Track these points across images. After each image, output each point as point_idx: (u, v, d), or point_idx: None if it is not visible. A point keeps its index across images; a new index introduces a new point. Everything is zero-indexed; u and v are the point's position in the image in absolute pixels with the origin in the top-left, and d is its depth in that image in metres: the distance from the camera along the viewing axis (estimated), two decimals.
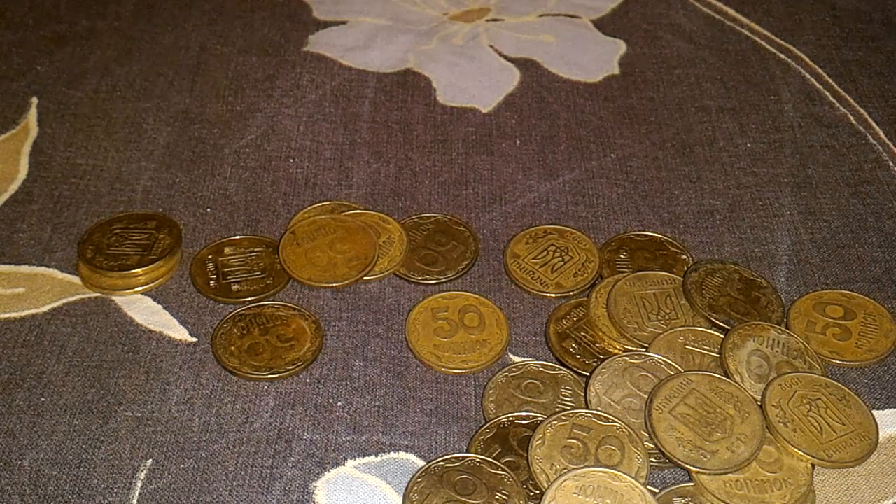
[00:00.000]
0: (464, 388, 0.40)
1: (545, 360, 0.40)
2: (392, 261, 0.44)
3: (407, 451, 0.38)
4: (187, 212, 0.46)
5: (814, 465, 0.36)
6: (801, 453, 0.36)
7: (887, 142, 0.50)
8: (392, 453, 0.37)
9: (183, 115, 0.51)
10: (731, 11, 0.58)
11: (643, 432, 0.37)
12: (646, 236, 0.45)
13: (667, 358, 0.39)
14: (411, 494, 0.35)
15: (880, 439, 0.38)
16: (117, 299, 0.43)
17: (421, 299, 0.42)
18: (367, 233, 0.44)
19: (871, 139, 0.50)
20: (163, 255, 0.43)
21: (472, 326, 0.41)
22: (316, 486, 0.37)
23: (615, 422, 0.37)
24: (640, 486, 0.35)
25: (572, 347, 0.41)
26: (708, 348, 0.40)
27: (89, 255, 0.43)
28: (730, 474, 0.36)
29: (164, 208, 0.46)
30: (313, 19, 0.58)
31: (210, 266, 0.43)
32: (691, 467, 0.36)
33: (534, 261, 0.44)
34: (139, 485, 0.36)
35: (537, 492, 0.36)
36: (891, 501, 0.36)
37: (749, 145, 0.50)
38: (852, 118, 0.51)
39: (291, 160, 0.49)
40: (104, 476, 0.37)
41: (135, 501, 0.36)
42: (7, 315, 0.42)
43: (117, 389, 0.39)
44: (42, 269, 0.44)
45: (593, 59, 0.55)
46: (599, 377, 0.38)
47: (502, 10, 0.59)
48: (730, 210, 0.47)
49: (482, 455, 0.36)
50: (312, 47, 0.56)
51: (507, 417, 0.38)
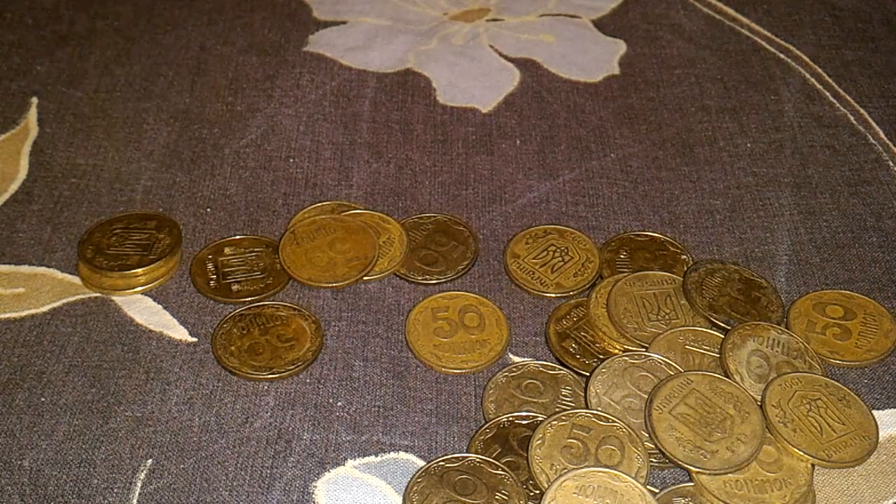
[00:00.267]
0: (464, 388, 0.40)
1: (545, 360, 0.40)
2: (392, 261, 0.44)
3: (407, 451, 0.38)
4: (187, 212, 0.46)
5: (814, 465, 0.36)
6: (801, 453, 0.36)
7: (887, 142, 0.50)
8: (392, 453, 0.37)
9: (183, 115, 0.51)
10: (731, 11, 0.58)
11: (643, 432, 0.37)
12: (646, 236, 0.45)
13: (667, 358, 0.39)
14: (411, 494, 0.35)
15: (880, 439, 0.38)
16: (117, 299, 0.43)
17: (421, 299, 0.42)
18: (367, 233, 0.44)
19: (871, 139, 0.50)
20: (163, 255, 0.43)
21: (472, 326, 0.41)
22: (316, 486, 0.37)
23: (615, 422, 0.37)
24: (640, 486, 0.35)
25: (572, 347, 0.41)
26: (708, 348, 0.40)
27: (89, 255, 0.43)
28: (730, 474, 0.36)
29: (164, 208, 0.46)
30: (313, 19, 0.58)
31: (210, 266, 0.44)
32: (691, 467, 0.36)
33: (534, 261, 0.44)
34: (139, 485, 0.36)
35: (537, 492, 0.36)
36: (891, 501, 0.36)
37: (749, 145, 0.50)
38: (852, 118, 0.51)
39: (291, 160, 0.49)
40: (104, 476, 0.37)
41: (135, 501, 0.36)
42: (7, 315, 0.42)
43: (117, 389, 0.39)
44: (42, 269, 0.44)
45: (593, 59, 0.55)
46: (599, 377, 0.38)
47: (502, 10, 0.59)
48: (730, 210, 0.47)
49: (482, 455, 0.36)
50: (312, 47, 0.56)
51: (507, 417, 0.38)
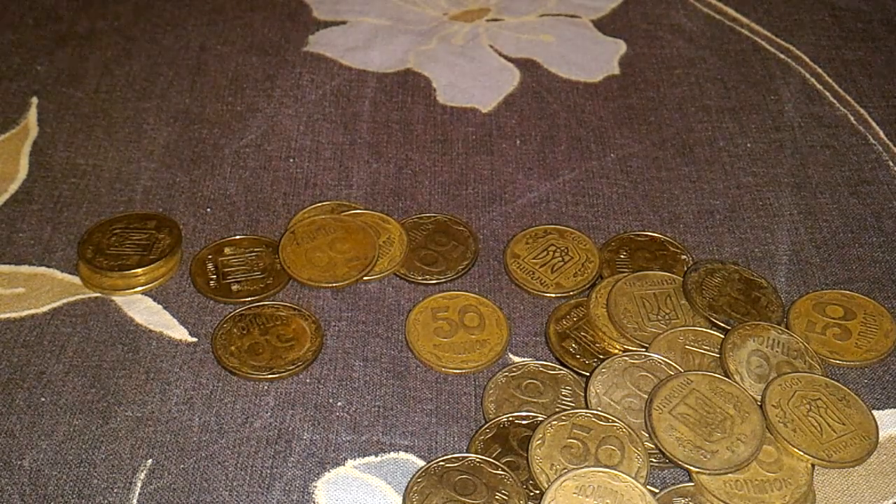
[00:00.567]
0: (464, 388, 0.40)
1: (545, 360, 0.40)
2: (392, 261, 0.43)
3: (407, 451, 0.38)
4: (187, 212, 0.46)
5: (814, 465, 0.36)
6: (801, 453, 0.36)
7: (887, 142, 0.50)
8: (392, 453, 0.37)
9: (183, 115, 0.51)
10: (731, 11, 0.58)
11: (643, 432, 0.37)
12: (646, 236, 0.45)
13: (667, 358, 0.39)
14: (411, 494, 0.35)
15: (880, 439, 0.38)
16: (117, 299, 0.43)
17: (421, 299, 0.42)
18: (367, 233, 0.44)
19: (871, 139, 0.50)
20: (163, 255, 0.43)
21: (472, 326, 0.41)
22: (316, 486, 0.37)
23: (615, 422, 0.37)
24: (640, 486, 0.35)
25: (572, 347, 0.41)
26: (708, 348, 0.40)
27: (89, 255, 0.43)
28: (730, 474, 0.36)
29: (164, 208, 0.46)
30: (313, 19, 0.58)
31: (210, 266, 0.44)
32: (691, 467, 0.36)
33: (534, 261, 0.44)
34: (139, 485, 0.36)
35: (537, 492, 0.36)
36: (891, 501, 0.36)
37: (749, 145, 0.50)
38: (852, 118, 0.51)
39: (291, 160, 0.49)
40: (104, 476, 0.37)
41: (135, 501, 0.36)
42: (7, 315, 0.42)
43: (117, 389, 0.39)
44: (42, 269, 0.44)
45: (593, 59, 0.55)
46: (599, 377, 0.38)
47: (502, 10, 0.59)
48: (730, 210, 0.47)
49: (482, 455, 0.36)
50: (312, 47, 0.56)
51: (507, 417, 0.38)
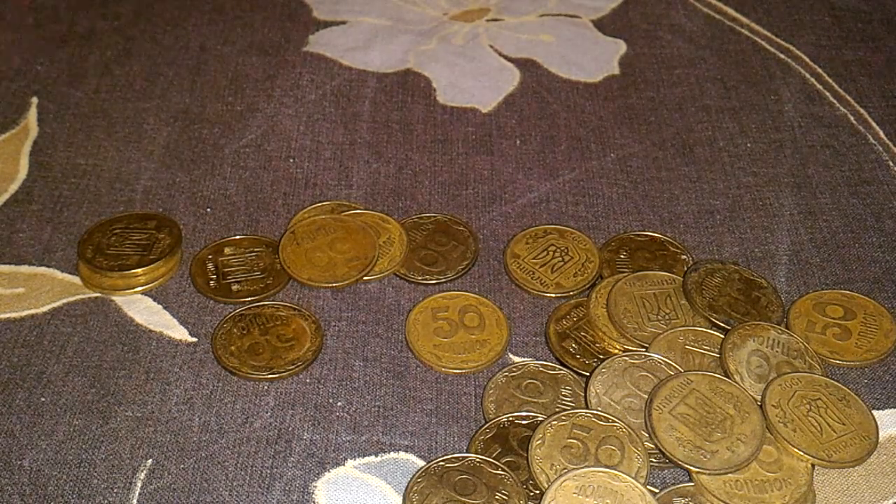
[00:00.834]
0: (464, 388, 0.40)
1: (545, 360, 0.40)
2: (392, 261, 0.43)
3: (407, 451, 0.38)
4: (187, 212, 0.46)
5: (814, 465, 0.36)
6: (801, 453, 0.36)
7: (887, 142, 0.50)
8: (392, 453, 0.37)
9: (183, 115, 0.51)
10: (731, 11, 0.58)
11: (643, 432, 0.37)
12: (646, 236, 0.45)
13: (667, 358, 0.39)
14: (411, 494, 0.35)
15: (880, 439, 0.38)
16: (117, 299, 0.43)
17: (421, 299, 0.42)
18: (367, 233, 0.44)
19: (871, 139, 0.50)
20: (163, 255, 0.43)
21: (472, 326, 0.41)
22: (316, 486, 0.37)
23: (615, 422, 0.37)
24: (640, 486, 0.35)
25: (572, 347, 0.41)
26: (708, 348, 0.40)
27: (89, 255, 0.43)
28: (730, 474, 0.36)
29: (164, 208, 0.46)
30: (313, 19, 0.58)
31: (210, 266, 0.43)
32: (691, 467, 0.36)
33: (534, 261, 0.44)
34: (139, 485, 0.36)
35: (537, 492, 0.36)
36: (891, 501, 0.36)
37: (749, 145, 0.50)
38: (852, 118, 0.51)
39: (291, 160, 0.49)
40: (104, 476, 0.37)
41: (135, 501, 0.36)
42: (7, 315, 0.42)
43: (117, 389, 0.39)
44: (42, 269, 0.44)
45: (593, 59, 0.55)
46: (599, 377, 0.38)
47: (502, 10, 0.59)
48: (730, 210, 0.47)
49: (482, 455, 0.36)
50: (312, 47, 0.56)
51: (507, 417, 0.38)
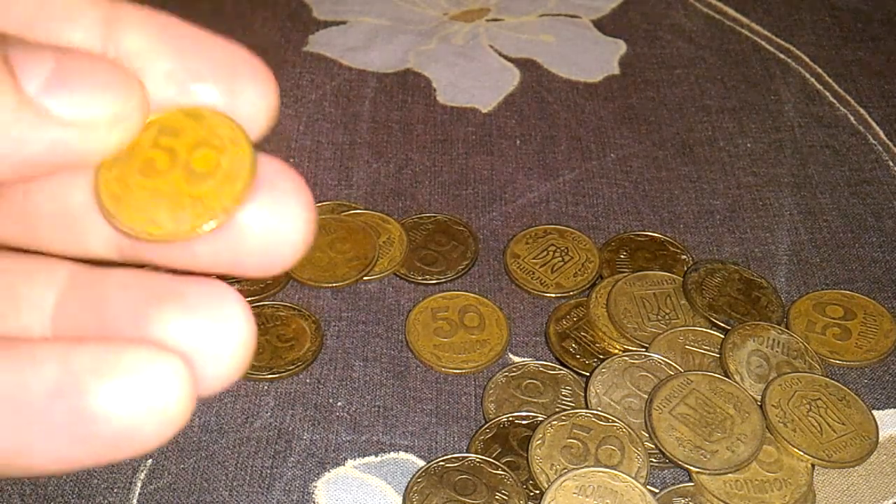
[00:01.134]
0: (464, 388, 0.40)
1: (545, 360, 0.40)
2: (392, 261, 0.43)
3: (407, 451, 0.38)
4: None
5: (814, 465, 0.36)
6: (801, 453, 0.36)
7: (887, 142, 0.50)
8: (392, 453, 0.37)
9: None
10: (731, 11, 0.58)
11: (643, 432, 0.37)
12: (646, 236, 0.45)
13: (667, 358, 0.39)
14: (411, 494, 0.35)
15: (880, 439, 0.38)
16: None
17: (421, 299, 0.42)
18: (367, 233, 0.44)
19: (871, 139, 0.50)
20: None
21: (472, 326, 0.41)
22: (316, 486, 0.37)
23: (615, 422, 0.37)
24: (640, 486, 0.35)
25: (572, 347, 0.41)
26: (708, 348, 0.40)
27: None
28: (730, 474, 0.36)
29: None
30: (313, 19, 0.58)
31: None
32: (691, 467, 0.36)
33: (534, 261, 0.44)
34: (139, 485, 0.36)
35: (537, 492, 0.36)
36: (891, 501, 0.36)
37: (749, 145, 0.50)
38: (852, 118, 0.51)
39: (291, 160, 0.49)
40: (104, 476, 0.37)
41: (135, 501, 0.36)
42: None
43: None
44: None
45: (593, 59, 0.55)
46: (599, 377, 0.38)
47: (502, 10, 0.59)
48: (730, 210, 0.47)
49: (482, 455, 0.36)
50: (312, 47, 0.56)
51: (507, 417, 0.38)
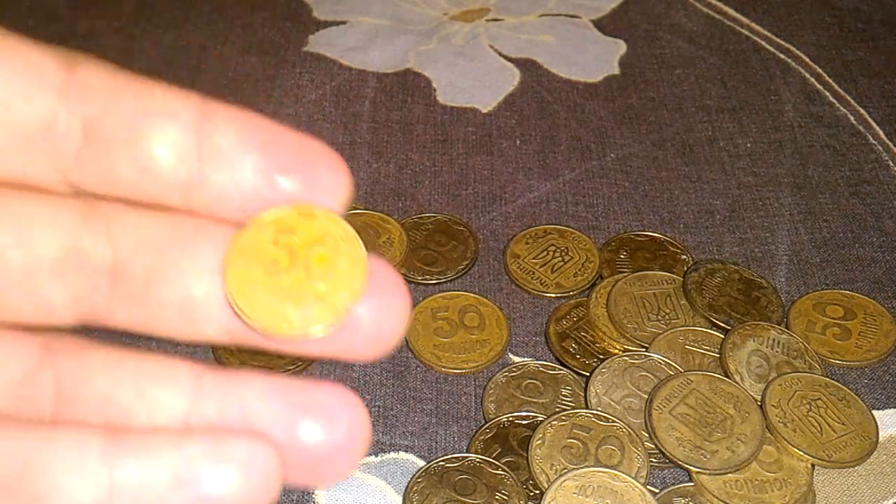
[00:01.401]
0: (464, 388, 0.40)
1: (545, 360, 0.40)
2: (392, 261, 0.43)
3: (407, 451, 0.38)
4: None
5: (814, 465, 0.36)
6: (801, 453, 0.36)
7: (887, 142, 0.50)
8: (392, 453, 0.37)
9: None
10: (731, 11, 0.58)
11: (643, 432, 0.37)
12: (646, 236, 0.45)
13: (667, 358, 0.39)
14: (411, 494, 0.35)
15: (880, 439, 0.38)
16: None
17: (421, 299, 0.42)
18: (367, 233, 0.44)
19: (871, 139, 0.50)
20: None
21: (472, 326, 0.41)
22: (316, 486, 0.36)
23: (615, 422, 0.37)
24: (640, 486, 0.35)
25: (572, 347, 0.41)
26: (708, 348, 0.40)
27: None
28: (730, 474, 0.36)
29: None
30: (313, 19, 0.58)
31: None
32: (691, 467, 0.36)
33: (534, 261, 0.44)
34: None
35: (537, 492, 0.36)
36: (891, 501, 0.36)
37: (749, 145, 0.50)
38: (852, 118, 0.51)
39: None
40: None
41: None
42: None
43: None
44: None
45: (593, 59, 0.55)
46: (599, 377, 0.38)
47: (502, 10, 0.59)
48: (730, 210, 0.47)
49: (482, 455, 0.36)
50: (312, 47, 0.56)
51: (507, 417, 0.38)
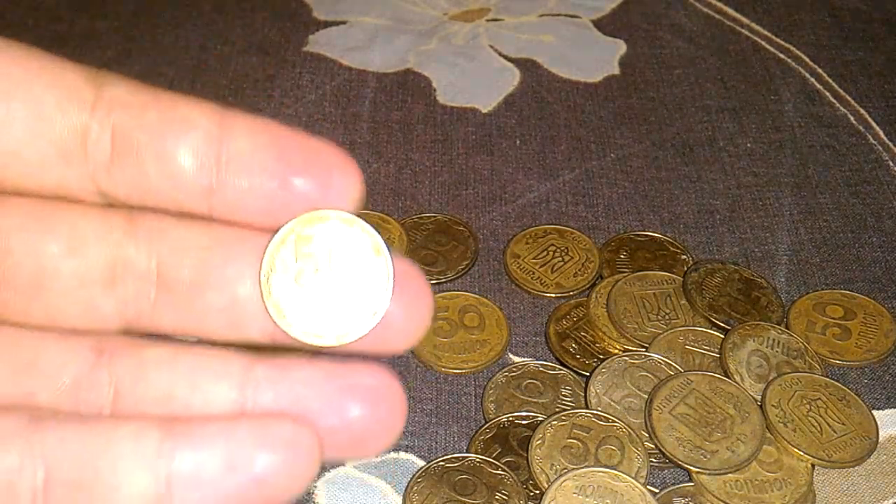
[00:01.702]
0: (464, 388, 0.40)
1: (545, 360, 0.40)
2: None
3: (407, 451, 0.38)
4: None
5: (814, 465, 0.36)
6: (801, 453, 0.36)
7: (887, 142, 0.50)
8: (392, 453, 0.37)
9: None
10: (731, 11, 0.58)
11: (643, 432, 0.37)
12: (646, 236, 0.45)
13: (667, 358, 0.39)
14: (411, 494, 0.35)
15: (880, 439, 0.38)
16: None
17: None
18: None
19: (871, 139, 0.50)
20: None
21: (472, 326, 0.41)
22: (316, 486, 0.36)
23: (615, 422, 0.37)
24: (640, 486, 0.35)
25: (572, 347, 0.41)
26: (708, 348, 0.40)
27: None
28: (730, 474, 0.36)
29: None
30: (313, 19, 0.58)
31: None
32: (691, 467, 0.36)
33: (534, 261, 0.44)
34: None
35: (537, 492, 0.36)
36: (891, 501, 0.36)
37: (749, 145, 0.50)
38: (852, 118, 0.51)
39: None
40: None
41: None
42: None
43: None
44: None
45: (593, 59, 0.55)
46: (599, 377, 0.38)
47: (502, 10, 0.59)
48: (730, 210, 0.47)
49: (482, 455, 0.36)
50: (312, 47, 0.56)
51: (507, 417, 0.38)
